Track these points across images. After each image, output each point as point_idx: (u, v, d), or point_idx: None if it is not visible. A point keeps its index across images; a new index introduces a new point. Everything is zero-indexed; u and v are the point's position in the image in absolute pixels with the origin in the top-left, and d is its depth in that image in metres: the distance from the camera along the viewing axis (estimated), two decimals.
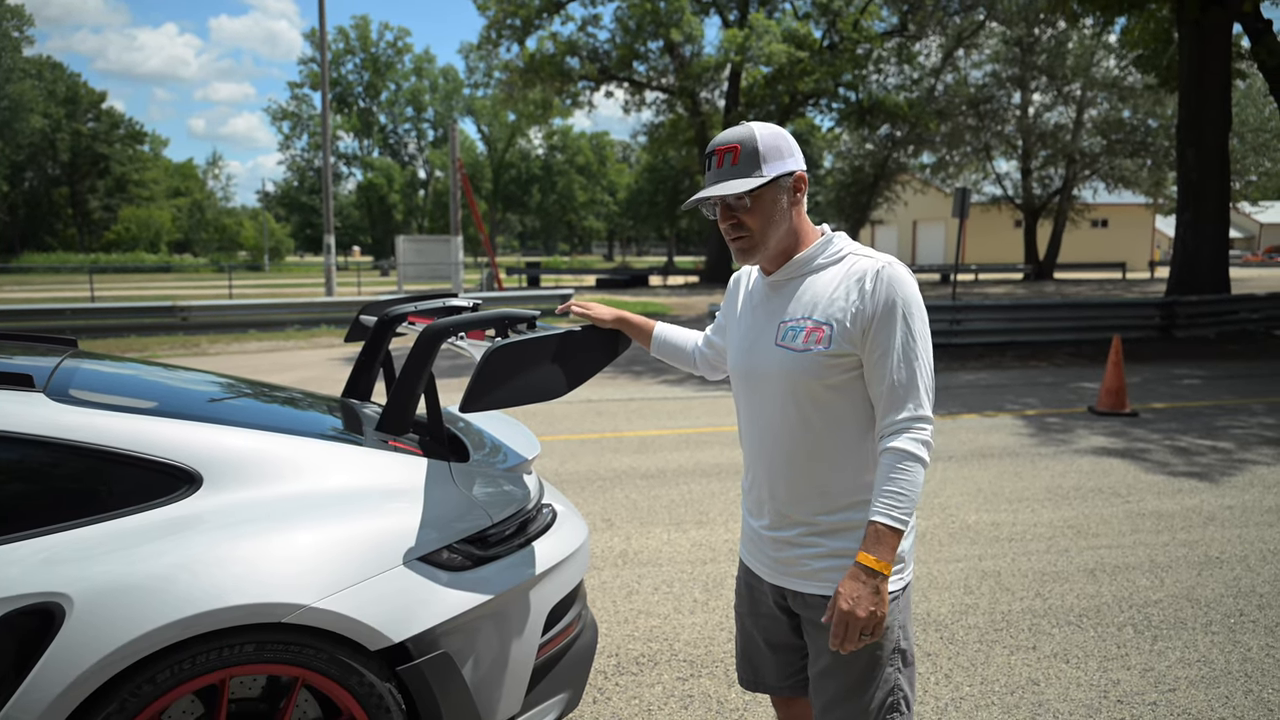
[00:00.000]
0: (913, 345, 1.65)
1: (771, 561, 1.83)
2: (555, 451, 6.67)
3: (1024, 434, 7.27)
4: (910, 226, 50.10)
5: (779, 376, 1.72)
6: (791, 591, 1.81)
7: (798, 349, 1.69)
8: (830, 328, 1.66)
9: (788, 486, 1.76)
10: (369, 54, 70.19)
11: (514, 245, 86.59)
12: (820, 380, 1.67)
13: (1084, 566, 4.27)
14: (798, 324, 1.70)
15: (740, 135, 1.70)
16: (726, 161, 1.70)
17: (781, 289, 1.79)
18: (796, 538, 1.77)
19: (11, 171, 57.59)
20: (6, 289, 33.88)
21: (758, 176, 1.68)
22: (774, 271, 1.80)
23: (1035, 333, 13.38)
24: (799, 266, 1.77)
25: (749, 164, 1.69)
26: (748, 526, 1.93)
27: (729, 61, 28.88)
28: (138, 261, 54.03)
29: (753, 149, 1.69)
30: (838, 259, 1.75)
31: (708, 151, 1.76)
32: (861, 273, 1.68)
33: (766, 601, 1.90)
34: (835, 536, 1.74)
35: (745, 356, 1.82)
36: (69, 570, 1.86)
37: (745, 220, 1.71)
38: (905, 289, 1.65)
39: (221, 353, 13.38)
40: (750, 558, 1.93)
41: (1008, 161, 40.01)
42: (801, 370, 1.68)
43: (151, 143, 74.79)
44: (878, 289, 1.64)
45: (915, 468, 1.62)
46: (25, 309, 15.66)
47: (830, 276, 1.72)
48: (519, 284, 31.59)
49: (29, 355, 2.58)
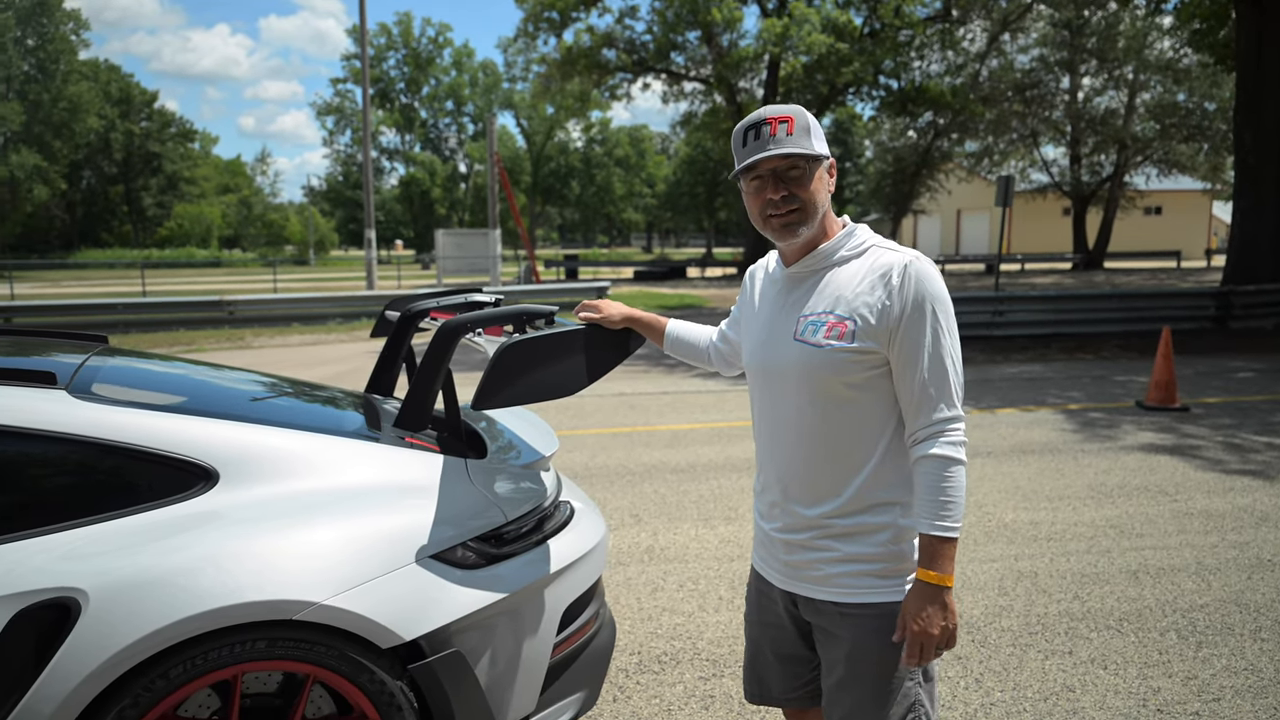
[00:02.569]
0: (943, 344, 1.59)
1: (782, 565, 1.77)
2: (586, 445, 6.67)
3: (1067, 429, 7.08)
4: (954, 216, 49.18)
5: (797, 373, 1.66)
6: (803, 598, 1.75)
7: (818, 344, 1.63)
8: (853, 323, 1.60)
9: (803, 487, 1.71)
10: (410, 49, 70.87)
11: (553, 238, 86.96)
12: (840, 377, 1.62)
13: (1126, 568, 4.13)
14: (819, 318, 1.65)
15: (793, 110, 1.65)
16: (781, 131, 1.62)
17: (802, 282, 1.73)
18: (810, 541, 1.71)
19: (70, 171, 59.37)
20: (65, 284, 34.96)
21: (811, 149, 1.63)
22: (796, 262, 1.74)
23: (1081, 324, 13.02)
24: (822, 259, 1.70)
25: (803, 135, 1.63)
26: (759, 530, 1.87)
27: (767, 52, 28.56)
28: (189, 257, 55.40)
29: (805, 124, 1.64)
30: (860, 252, 1.69)
31: (751, 122, 1.66)
32: (887, 267, 1.62)
33: (776, 609, 1.83)
34: (850, 540, 1.67)
35: (762, 351, 1.76)
36: (85, 565, 1.88)
37: (797, 192, 1.64)
38: (933, 285, 1.60)
39: (265, 346, 13.64)
40: (761, 563, 1.87)
41: (1055, 148, 39.03)
42: (821, 366, 1.62)
43: (202, 140, 76.50)
44: (905, 285, 1.59)
45: (957, 471, 1.58)
46: (80, 304, 16.12)
47: (853, 270, 1.66)
48: (557, 276, 31.68)
49: (58, 353, 2.62)
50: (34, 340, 2.98)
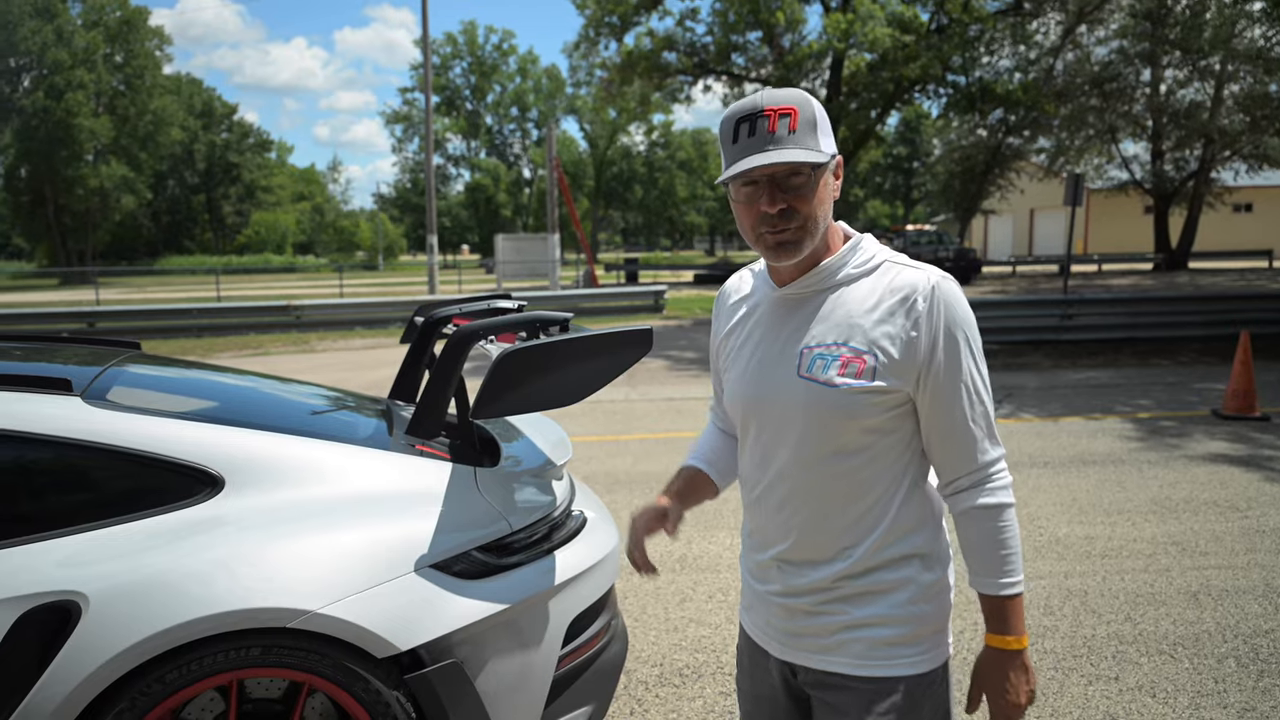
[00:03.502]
0: (979, 380, 1.39)
1: (780, 634, 1.50)
2: (630, 451, 6.63)
3: (1132, 439, 6.74)
4: (1027, 215, 47.63)
5: (803, 415, 1.39)
6: (802, 668, 1.48)
7: (830, 383, 1.36)
8: (873, 358, 1.35)
9: (806, 548, 1.44)
10: (475, 57, 72.15)
11: (616, 242, 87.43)
12: (856, 421, 1.36)
13: (1185, 589, 3.89)
14: (829, 351, 1.38)
15: (796, 98, 1.35)
16: (782, 127, 1.32)
17: (801, 305, 1.44)
18: (814, 605, 1.44)
19: (155, 181, 62.16)
20: (149, 290, 36.60)
21: (817, 152, 1.34)
22: (791, 282, 1.44)
23: (1157, 328, 12.41)
24: (824, 277, 1.42)
25: (807, 133, 1.33)
26: (749, 589, 1.58)
27: (831, 49, 28.14)
28: (265, 263, 57.48)
29: (811, 116, 1.34)
30: (871, 269, 1.42)
31: (744, 112, 1.35)
32: (909, 289, 1.36)
33: (770, 680, 1.55)
34: (862, 602, 1.42)
35: (753, 388, 1.47)
36: (87, 570, 1.92)
37: (798, 205, 1.34)
38: (963, 309, 1.37)
39: (328, 349, 14.00)
40: (753, 626, 1.58)
41: (1136, 143, 37.45)
42: (834, 409, 1.36)
43: (278, 150, 79.30)
44: (935, 312, 1.34)
45: (1010, 517, 1.39)
46: (158, 309, 16.85)
47: (864, 291, 1.40)
48: (617, 280, 31.78)
49: (85, 359, 2.70)
50: (66, 347, 3.08)
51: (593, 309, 18.00)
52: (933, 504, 1.47)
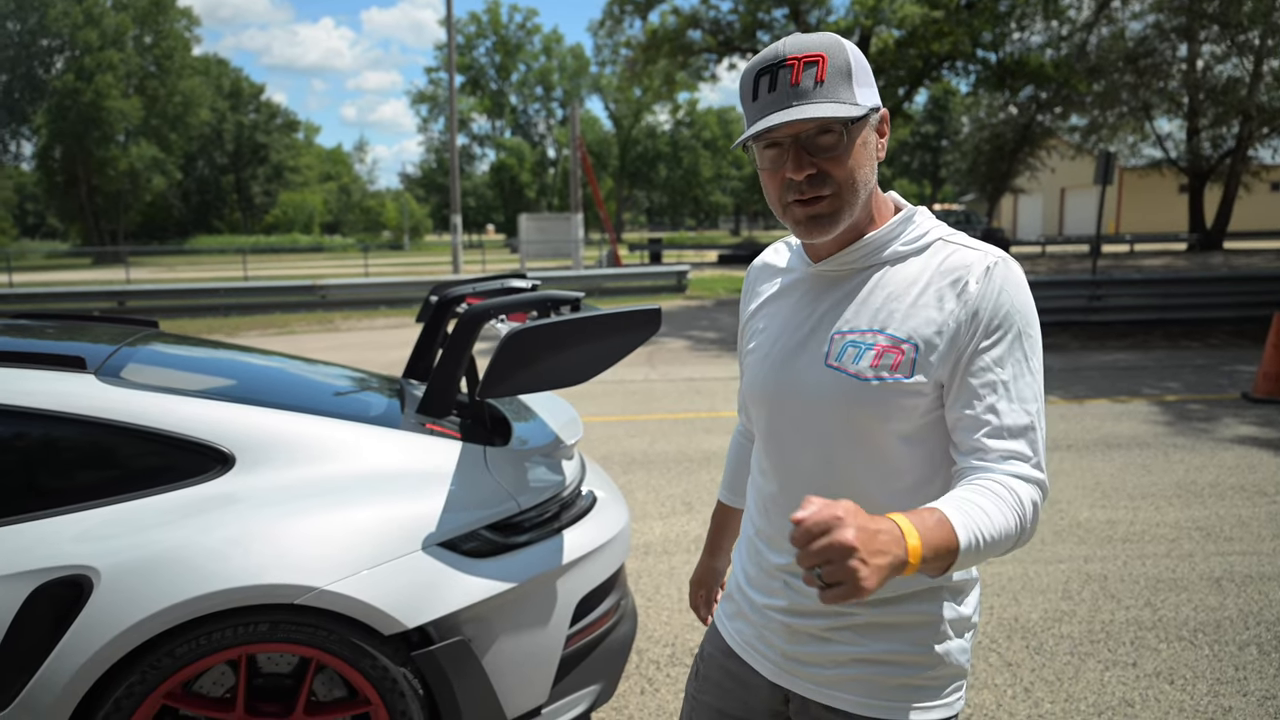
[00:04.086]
0: (1030, 382, 1.16)
1: (779, 656, 1.33)
2: (648, 431, 6.62)
3: (1159, 422, 6.62)
4: (1058, 195, 46.79)
5: (828, 411, 1.21)
6: (797, 696, 1.33)
7: (861, 375, 1.18)
8: (914, 349, 1.16)
9: None
10: (500, 36, 71.89)
11: (641, 221, 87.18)
12: (889, 423, 1.18)
13: (1208, 574, 3.82)
14: (862, 339, 1.20)
15: (825, 43, 1.14)
16: (808, 78, 1.12)
17: (837, 285, 1.26)
18: (824, 631, 1.27)
19: (185, 161, 62.80)
20: (179, 269, 37.07)
21: (852, 105, 1.14)
22: (829, 256, 1.26)
23: (1189, 309, 12.16)
24: (868, 253, 1.23)
25: (838, 84, 1.13)
26: (743, 596, 1.40)
27: (858, 25, 27.71)
28: (293, 242, 57.99)
29: (844, 63, 1.14)
30: (922, 247, 1.23)
31: (766, 62, 1.15)
32: (961, 271, 1.17)
33: (749, 701, 1.38)
34: (879, 635, 1.24)
35: (774, 374, 1.29)
36: (99, 545, 1.95)
37: (830, 169, 1.15)
38: (1022, 297, 1.17)
39: (352, 329, 14.11)
40: (739, 639, 1.40)
41: (1170, 121, 36.59)
42: (864, 405, 1.18)
43: (305, 130, 79.73)
44: (987, 293, 1.15)
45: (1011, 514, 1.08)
46: (186, 288, 17.04)
47: (912, 272, 1.21)
48: (641, 260, 31.69)
49: (103, 338, 2.73)
50: (90, 326, 3.12)
51: (615, 289, 17.97)
52: None
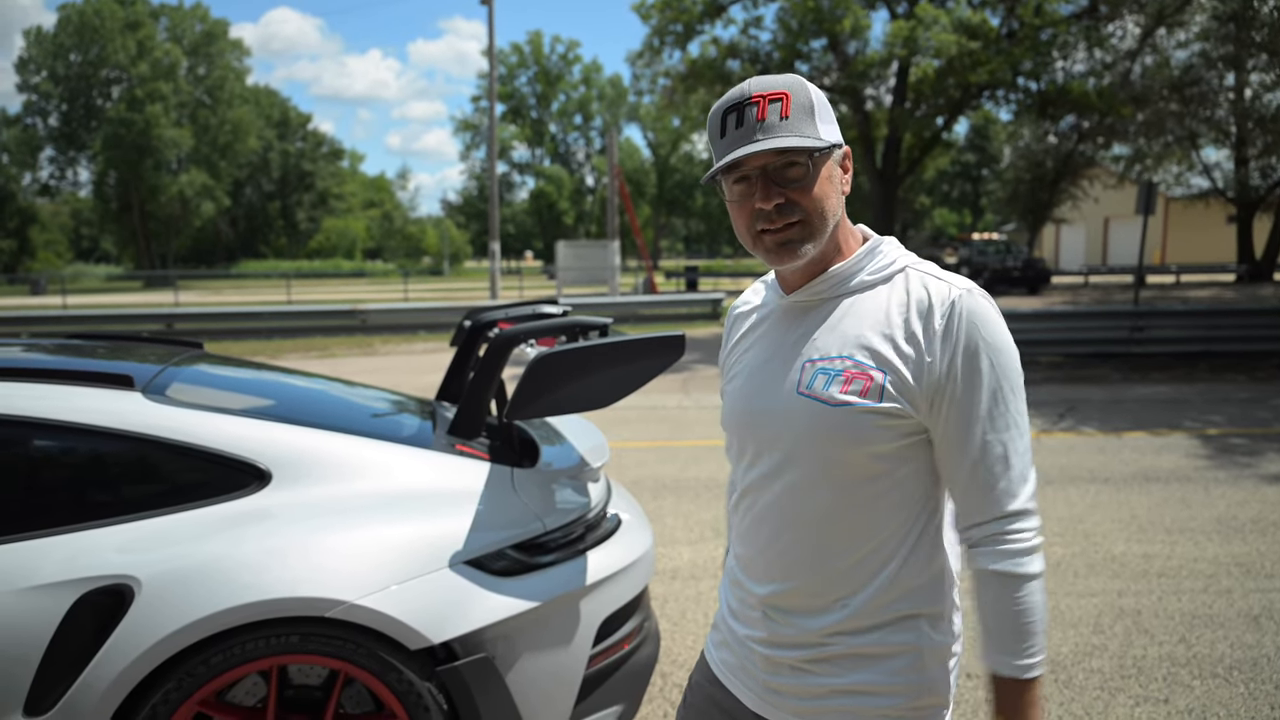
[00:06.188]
0: (1005, 412, 1.20)
1: (760, 687, 1.33)
2: (679, 457, 6.65)
3: (1200, 455, 6.48)
4: (1101, 225, 46.10)
5: (801, 438, 1.24)
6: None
7: (831, 400, 1.21)
8: (882, 374, 1.20)
9: (798, 592, 1.28)
10: (541, 66, 73.25)
11: (678, 249, 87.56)
12: (863, 447, 1.20)
13: (1247, 611, 3.74)
14: (832, 365, 1.23)
15: (788, 82, 1.22)
16: (772, 114, 1.19)
17: (808, 314, 1.30)
18: (802, 662, 1.28)
19: (233, 188, 64.72)
20: (225, 293, 38.04)
21: (815, 139, 1.21)
22: (799, 288, 1.31)
23: (1235, 341, 11.89)
24: (835, 283, 1.28)
25: (802, 119, 1.21)
26: (726, 627, 1.41)
27: (894, 56, 27.77)
28: (336, 268, 59.29)
29: (806, 101, 1.21)
30: (888, 275, 1.27)
31: (732, 101, 1.22)
32: (926, 301, 1.21)
33: None
34: (858, 666, 1.26)
35: (748, 403, 1.32)
36: (141, 556, 2.04)
37: (797, 199, 1.21)
38: (992, 329, 1.20)
39: (390, 353, 14.36)
40: (725, 668, 1.41)
41: (1218, 150, 35.99)
42: (835, 431, 1.21)
43: (350, 158, 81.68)
44: (953, 329, 1.19)
45: (1031, 591, 1.19)
46: (232, 312, 17.52)
47: (879, 301, 1.25)
48: (677, 287, 31.82)
49: (150, 358, 2.85)
50: (139, 346, 3.26)
51: (651, 315, 18.07)
52: (950, 556, 1.31)
